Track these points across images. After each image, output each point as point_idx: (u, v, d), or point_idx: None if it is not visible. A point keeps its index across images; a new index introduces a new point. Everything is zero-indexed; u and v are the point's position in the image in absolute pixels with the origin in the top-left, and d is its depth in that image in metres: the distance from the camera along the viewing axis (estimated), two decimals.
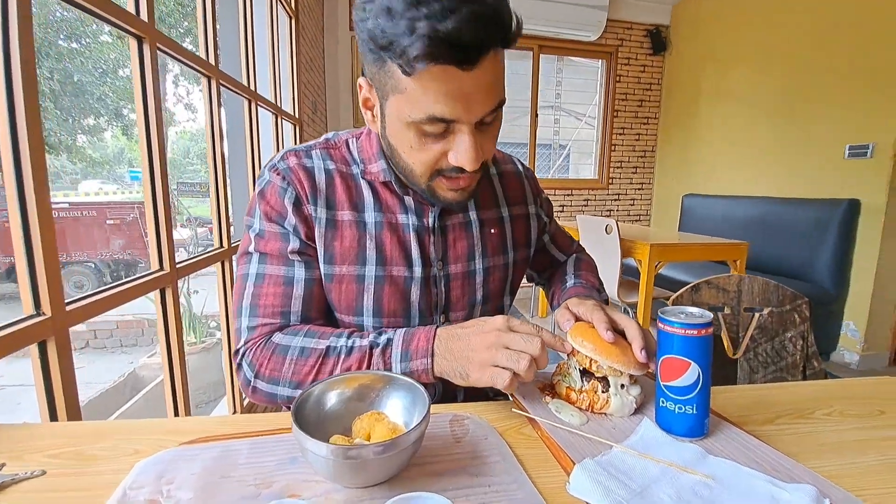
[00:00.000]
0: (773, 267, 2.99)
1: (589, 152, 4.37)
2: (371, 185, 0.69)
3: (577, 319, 0.63)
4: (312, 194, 0.66)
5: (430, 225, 0.70)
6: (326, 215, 0.66)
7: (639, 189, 4.33)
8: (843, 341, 2.76)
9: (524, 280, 0.97)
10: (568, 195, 4.14)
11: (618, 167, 4.23)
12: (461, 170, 0.58)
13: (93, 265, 6.49)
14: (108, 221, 6.43)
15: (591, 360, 0.56)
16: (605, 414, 0.56)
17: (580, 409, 0.56)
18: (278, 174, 0.67)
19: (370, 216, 0.68)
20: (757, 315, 0.93)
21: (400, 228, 0.69)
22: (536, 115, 4.05)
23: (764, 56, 3.26)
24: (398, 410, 0.47)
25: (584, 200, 4.20)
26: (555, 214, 0.95)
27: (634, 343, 0.56)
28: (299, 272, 0.65)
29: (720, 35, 3.62)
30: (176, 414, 1.17)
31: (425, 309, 0.70)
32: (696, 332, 0.48)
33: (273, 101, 2.15)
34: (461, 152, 0.56)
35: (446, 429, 0.51)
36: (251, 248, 0.67)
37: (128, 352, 3.99)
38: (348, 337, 0.62)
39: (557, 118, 4.33)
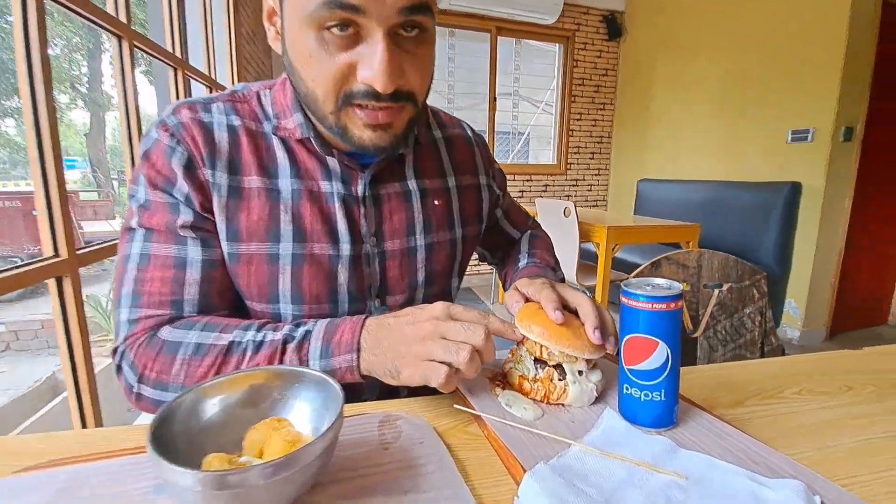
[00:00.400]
0: (723, 248, 3.05)
1: (547, 138, 4.36)
2: (286, 144, 0.58)
3: (528, 301, 0.55)
4: (210, 155, 0.54)
5: (360, 194, 0.60)
6: (229, 181, 0.55)
7: (596, 174, 4.37)
8: (786, 319, 2.88)
9: (483, 264, 0.88)
10: (527, 181, 4.12)
11: (575, 153, 4.24)
12: (377, 96, 0.48)
13: (19, 260, 5.91)
14: (34, 212, 5.87)
15: (542, 346, 0.48)
16: (562, 405, 0.48)
17: (534, 400, 0.49)
18: (166, 131, 0.54)
19: (285, 183, 0.57)
20: (717, 291, 0.89)
21: (322, 198, 0.58)
22: (495, 100, 3.98)
23: (715, 43, 3.32)
24: (305, 415, 0.37)
25: (544, 186, 4.19)
26: (515, 200, 0.87)
27: (587, 322, 0.49)
28: (193, 252, 0.54)
29: (672, 22, 3.66)
30: (84, 425, 1.01)
31: (356, 292, 0.60)
32: (664, 305, 0.41)
33: (206, 74, 1.95)
34: (372, 63, 0.46)
35: (374, 433, 0.42)
36: (134, 223, 0.55)
37: (55, 353, 3.64)
38: (258, 330, 0.51)
39: (516, 102, 4.28)
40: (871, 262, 2.92)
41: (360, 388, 0.63)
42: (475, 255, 0.88)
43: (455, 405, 0.46)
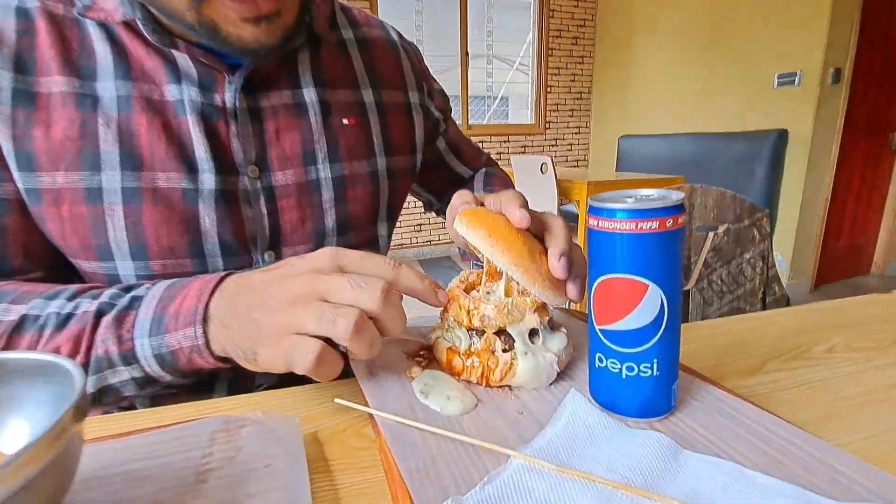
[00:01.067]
0: None
1: (525, 95, 4.14)
2: (110, 34, 0.40)
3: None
4: None
5: (229, 104, 0.42)
6: (14, 83, 0.37)
7: (576, 133, 4.18)
8: None
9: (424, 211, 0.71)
10: (504, 142, 3.92)
11: (554, 110, 4.04)
12: None
13: None
14: None
15: (471, 312, 0.32)
16: (508, 387, 0.33)
17: (468, 382, 0.33)
18: None
19: (106, 87, 0.39)
20: (711, 235, 0.74)
21: (167, 109, 0.41)
22: (467, 54, 3.73)
23: None
24: (22, 426, 0.21)
25: (522, 147, 4.00)
26: (464, 134, 0.69)
27: (552, 247, 0.34)
28: None
29: None
30: None
31: (234, 243, 0.43)
32: (656, 223, 0.25)
33: None
34: None
35: (197, 451, 0.26)
36: None
37: None
38: (71, 297, 0.35)
39: (490, 60, 4.03)
40: (856, 212, 2.84)
41: (251, 373, 0.47)
42: (417, 202, 0.72)
43: (336, 398, 0.30)
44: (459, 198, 0.40)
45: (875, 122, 2.68)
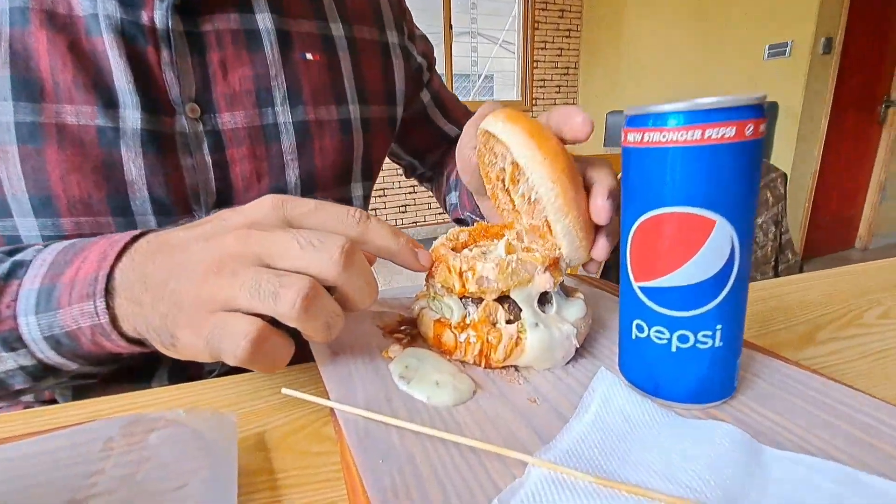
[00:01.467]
0: None
1: (510, 72, 4.02)
2: None
3: None
4: None
5: (160, 25, 0.34)
6: None
7: None
8: None
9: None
10: None
11: (540, 86, 3.93)
12: None
13: None
14: None
15: (465, 271, 0.25)
16: (514, 368, 0.26)
17: (462, 363, 0.26)
18: None
19: None
20: None
21: (77, 25, 0.32)
22: (451, 28, 3.59)
23: None
24: None
25: None
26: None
27: (597, 186, 0.27)
28: None
29: None
30: None
31: (169, 200, 0.35)
32: (731, 129, 0.17)
33: None
34: None
35: (83, 466, 0.18)
36: None
37: None
38: None
39: (474, 35, 3.89)
40: (843, 185, 2.83)
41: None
42: (401, 181, 0.63)
43: (284, 388, 0.23)
44: (489, 106, 0.32)
45: (864, 94, 2.66)
